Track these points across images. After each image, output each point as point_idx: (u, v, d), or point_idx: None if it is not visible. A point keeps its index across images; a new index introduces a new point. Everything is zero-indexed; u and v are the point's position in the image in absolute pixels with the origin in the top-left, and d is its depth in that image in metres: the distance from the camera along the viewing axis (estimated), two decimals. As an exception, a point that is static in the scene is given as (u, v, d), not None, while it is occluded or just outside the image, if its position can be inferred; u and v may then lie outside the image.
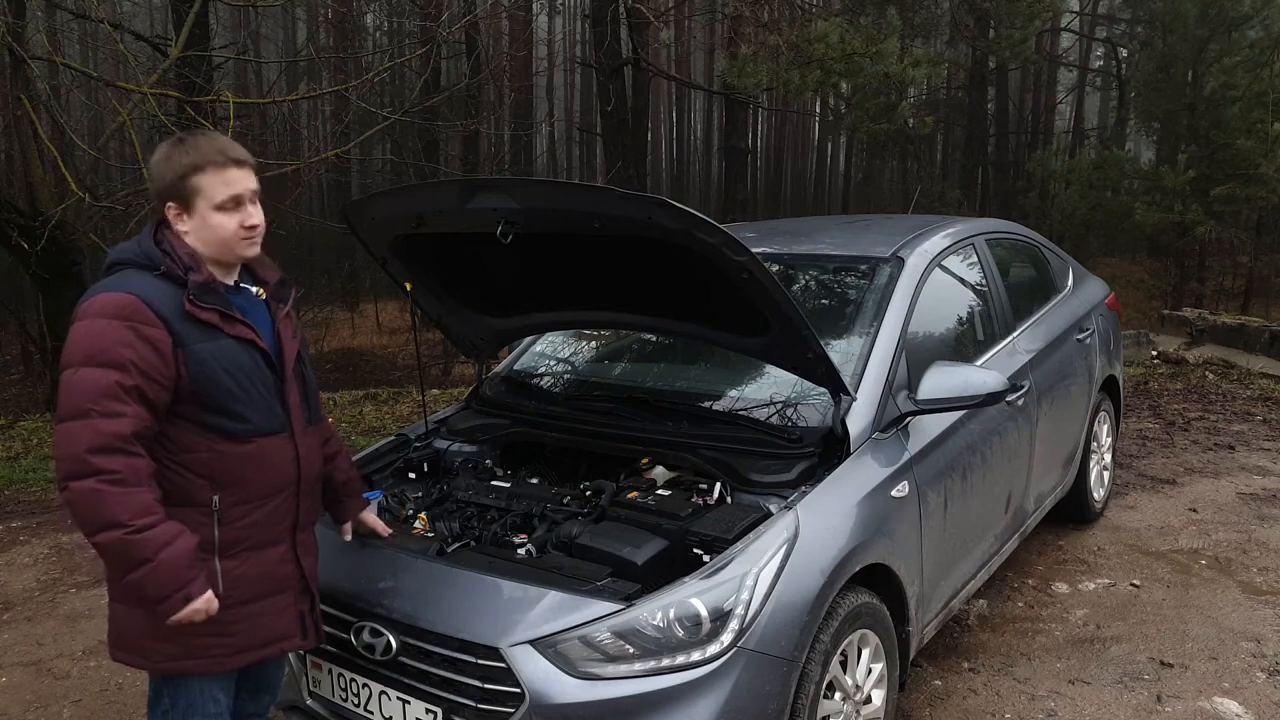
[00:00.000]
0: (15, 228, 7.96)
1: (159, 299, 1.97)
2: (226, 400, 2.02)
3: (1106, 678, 3.41)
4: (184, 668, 2.08)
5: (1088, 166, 17.32)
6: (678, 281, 2.72)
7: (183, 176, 2.02)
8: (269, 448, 2.10)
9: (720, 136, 24.77)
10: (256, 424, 2.07)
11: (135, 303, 1.94)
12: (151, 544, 1.89)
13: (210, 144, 2.05)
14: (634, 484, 2.80)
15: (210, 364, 2.00)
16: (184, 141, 2.06)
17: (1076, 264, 5.09)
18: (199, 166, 2.02)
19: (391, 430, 6.86)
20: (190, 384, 1.98)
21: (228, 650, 2.10)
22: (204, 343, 2.00)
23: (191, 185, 2.02)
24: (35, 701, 3.49)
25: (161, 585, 1.92)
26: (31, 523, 5.45)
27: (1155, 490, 5.45)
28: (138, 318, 1.93)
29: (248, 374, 2.06)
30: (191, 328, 1.99)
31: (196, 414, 2.01)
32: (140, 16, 20.28)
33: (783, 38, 11.66)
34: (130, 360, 1.90)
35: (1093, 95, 29.24)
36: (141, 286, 1.97)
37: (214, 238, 2.05)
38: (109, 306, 1.94)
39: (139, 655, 2.09)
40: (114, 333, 1.91)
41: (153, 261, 2.01)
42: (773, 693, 2.31)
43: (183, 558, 1.93)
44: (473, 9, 13.01)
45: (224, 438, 2.03)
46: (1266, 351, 9.16)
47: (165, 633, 2.01)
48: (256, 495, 2.10)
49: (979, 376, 2.99)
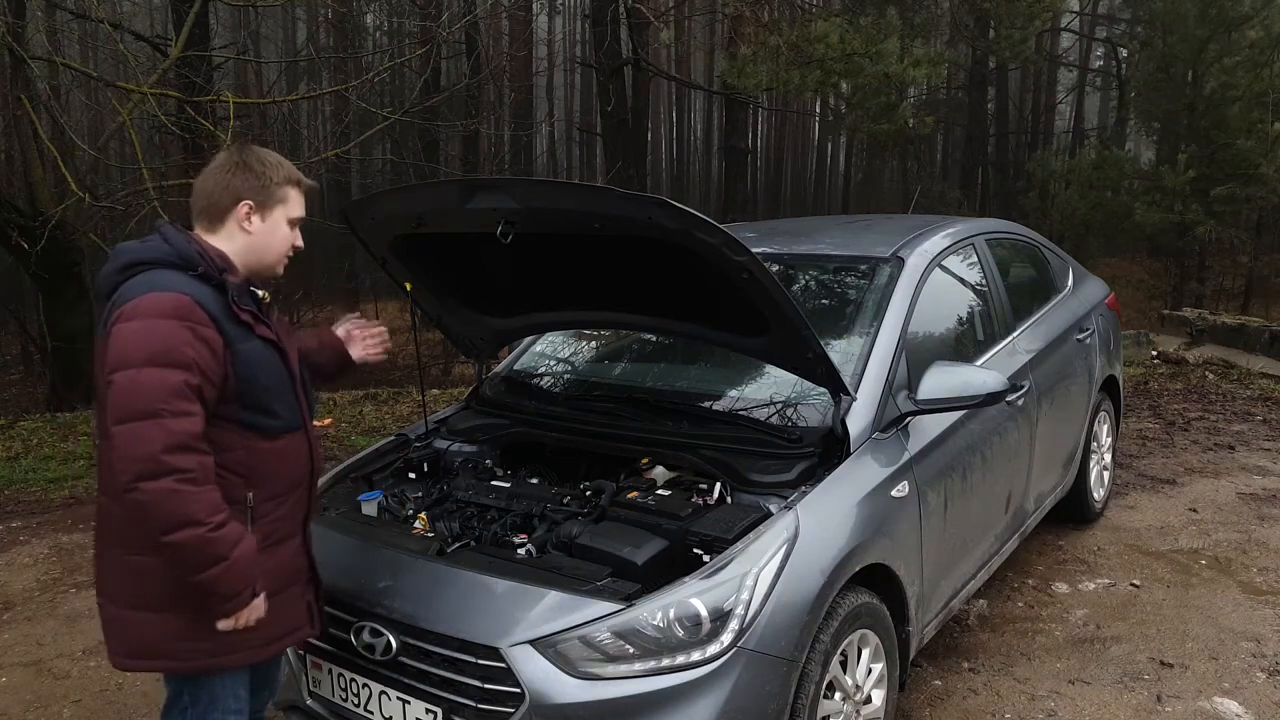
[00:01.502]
0: (15, 228, 7.97)
1: (206, 299, 2.00)
2: (265, 397, 2.08)
3: (1106, 678, 3.41)
4: (219, 664, 2.10)
5: (1088, 166, 17.32)
6: (678, 281, 2.72)
7: (282, 184, 2.14)
8: (293, 443, 2.17)
9: (720, 136, 24.77)
10: (286, 420, 2.14)
11: (189, 303, 1.96)
12: (227, 541, 1.92)
13: (292, 165, 2.18)
14: (634, 484, 2.80)
15: (252, 363, 2.05)
16: (264, 153, 2.17)
17: (1076, 264, 5.09)
18: (296, 181, 2.17)
19: (391, 430, 6.86)
20: (235, 383, 2.02)
21: (255, 643, 2.11)
22: (245, 343, 2.05)
23: (282, 194, 2.14)
24: (35, 701, 3.49)
25: (234, 582, 1.95)
26: (31, 523, 5.45)
27: (1155, 490, 5.45)
28: (194, 318, 1.95)
29: (275, 372, 2.12)
30: (235, 328, 2.03)
31: (236, 413, 2.04)
32: (140, 16, 20.26)
33: (783, 38, 11.66)
34: (194, 360, 1.92)
35: (1093, 95, 29.24)
36: (189, 287, 1.99)
37: (269, 247, 2.15)
38: (165, 306, 1.94)
39: (168, 658, 2.09)
40: (175, 332, 1.92)
41: (190, 262, 2.02)
42: (773, 693, 2.31)
43: (252, 555, 1.98)
44: (473, 9, 13.01)
45: (259, 435, 2.08)
46: (1266, 351, 9.16)
47: (199, 632, 2.02)
48: (281, 490, 2.15)
49: (979, 376, 2.99)
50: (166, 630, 2.05)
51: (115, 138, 10.02)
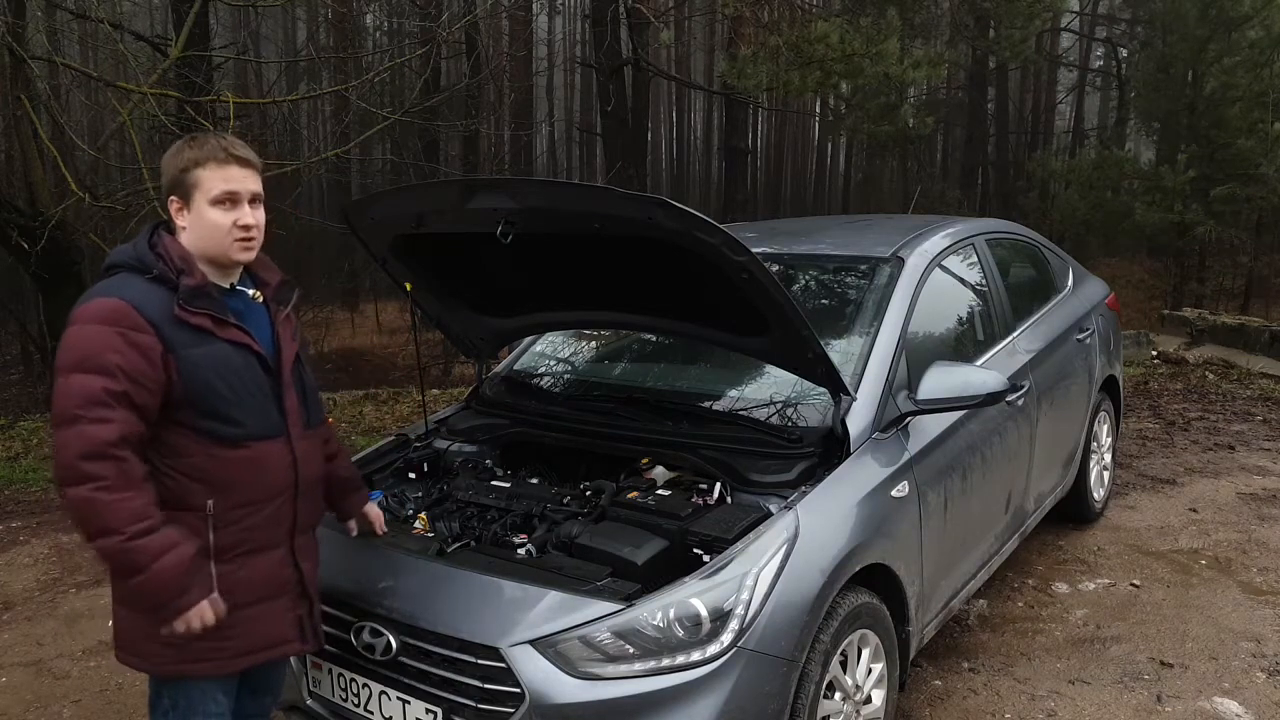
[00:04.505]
0: (15, 228, 7.96)
1: (150, 304, 1.96)
2: (219, 405, 2.02)
3: (1106, 678, 3.41)
4: (183, 671, 2.08)
5: (1088, 166, 17.33)
6: (678, 282, 2.72)
7: (185, 170, 2.04)
8: (264, 452, 2.09)
9: (720, 136, 24.79)
10: (250, 428, 2.06)
11: (124, 308, 1.94)
12: (146, 552, 1.89)
13: (216, 141, 2.07)
14: (634, 484, 2.80)
15: (202, 369, 1.99)
16: (194, 139, 2.09)
17: (1076, 264, 5.09)
18: (200, 161, 2.03)
19: (391, 430, 6.86)
20: (182, 389, 1.97)
21: (226, 654, 2.09)
22: (195, 347, 1.99)
23: (192, 179, 2.04)
24: (35, 701, 3.49)
25: (157, 593, 1.93)
26: (31, 523, 5.45)
27: (1155, 490, 5.45)
28: (125, 323, 1.92)
29: (241, 378, 2.05)
30: (182, 332, 1.98)
31: (190, 419, 2.00)
32: (140, 16, 20.25)
33: (783, 38, 11.66)
34: (118, 366, 1.90)
35: (1093, 95, 29.23)
36: (133, 291, 1.97)
37: (208, 235, 2.05)
38: (99, 312, 1.94)
39: (140, 658, 2.10)
40: (102, 338, 1.91)
41: (145, 265, 2.01)
42: (773, 693, 2.31)
43: (177, 567, 1.93)
44: (473, 9, 12.99)
45: (218, 442, 2.03)
46: (1266, 351, 9.16)
47: (164, 636, 2.01)
48: (252, 499, 2.09)
49: (979, 376, 2.99)
50: (137, 629, 2.06)
51: (115, 138, 10.01)
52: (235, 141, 2.10)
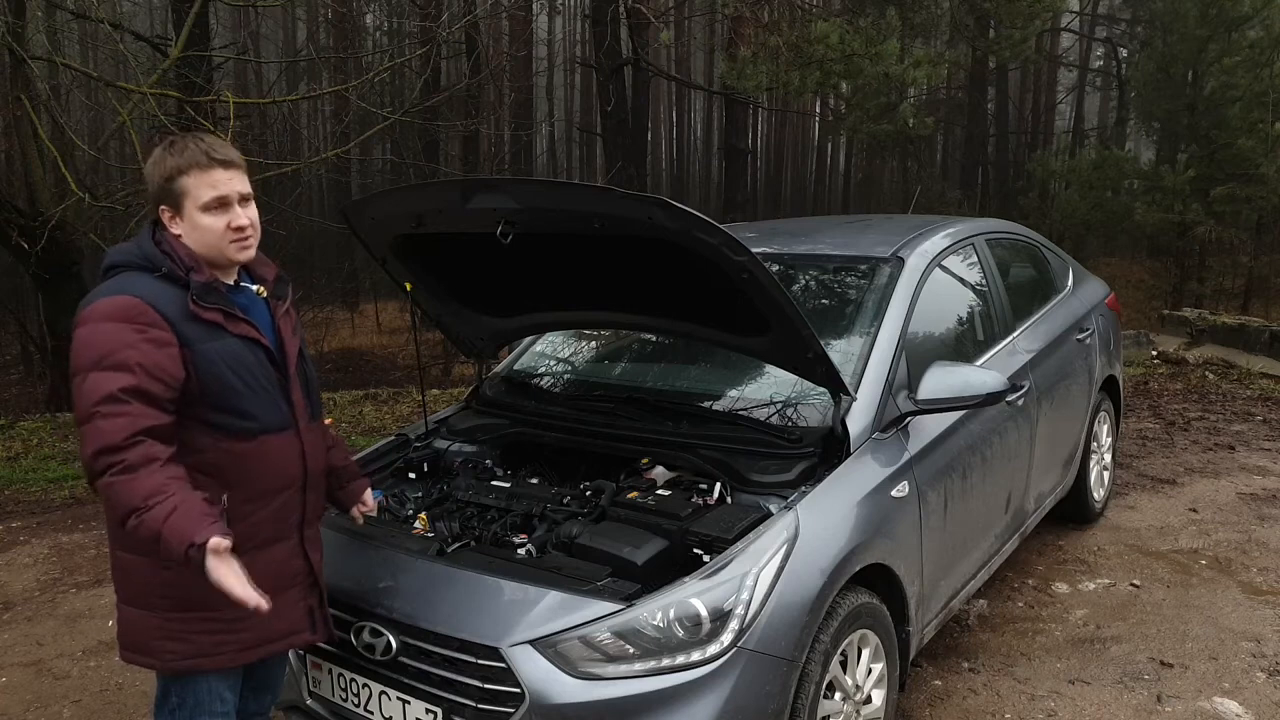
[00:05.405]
0: (15, 228, 7.97)
1: (162, 300, 1.97)
2: (234, 399, 2.03)
3: (1106, 678, 3.41)
4: (196, 665, 2.09)
5: (1088, 166, 17.33)
6: (678, 281, 2.71)
7: (169, 179, 2.03)
8: (275, 444, 2.12)
9: (720, 136, 24.78)
10: (263, 421, 2.09)
11: (138, 304, 1.94)
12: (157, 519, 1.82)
13: (196, 145, 2.05)
14: (634, 484, 2.80)
15: (217, 364, 2.01)
16: (173, 144, 2.07)
17: (1076, 264, 5.09)
18: (183, 169, 2.02)
19: (391, 430, 6.86)
20: (198, 384, 1.99)
21: (237, 646, 2.11)
22: (210, 343, 2.01)
23: (178, 187, 2.03)
24: (35, 701, 3.49)
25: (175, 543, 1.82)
26: (31, 523, 5.45)
27: (1155, 490, 5.45)
28: (142, 319, 1.93)
29: (253, 372, 2.07)
30: (196, 328, 1.99)
31: (205, 414, 2.02)
32: (140, 16, 20.27)
33: (783, 39, 11.67)
34: (136, 362, 1.90)
35: (1093, 95, 29.26)
36: (144, 288, 1.97)
37: (204, 240, 2.05)
38: (112, 310, 1.94)
39: (150, 656, 2.10)
40: (119, 335, 1.91)
41: (154, 263, 2.01)
42: (773, 693, 2.31)
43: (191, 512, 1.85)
44: (473, 9, 12.99)
45: (231, 436, 2.04)
46: (1266, 351, 9.15)
47: (176, 632, 2.02)
48: (264, 492, 2.11)
49: (979, 376, 2.99)
50: (149, 628, 2.06)
51: (115, 138, 10.03)
52: (215, 143, 2.08)
